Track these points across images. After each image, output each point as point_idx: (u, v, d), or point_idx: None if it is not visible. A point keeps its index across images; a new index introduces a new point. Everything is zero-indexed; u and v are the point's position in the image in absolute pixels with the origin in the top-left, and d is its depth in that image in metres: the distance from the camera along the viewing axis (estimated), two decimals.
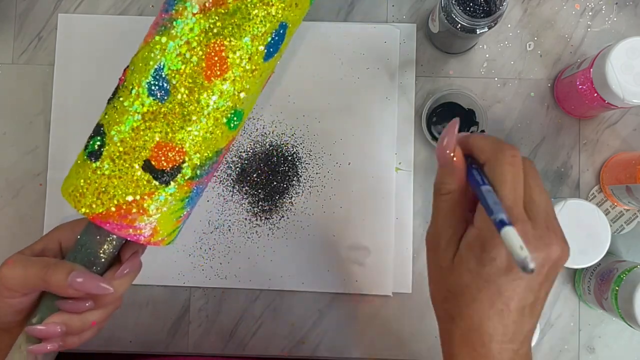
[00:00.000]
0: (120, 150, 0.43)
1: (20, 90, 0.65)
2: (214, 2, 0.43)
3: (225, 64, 0.43)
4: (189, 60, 0.42)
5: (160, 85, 0.43)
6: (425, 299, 0.63)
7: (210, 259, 0.63)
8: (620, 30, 0.64)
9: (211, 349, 0.63)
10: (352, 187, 0.63)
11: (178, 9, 0.43)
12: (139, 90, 0.43)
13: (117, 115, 0.43)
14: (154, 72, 0.43)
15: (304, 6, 0.47)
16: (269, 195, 0.63)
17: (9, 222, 0.65)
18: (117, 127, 0.43)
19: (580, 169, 0.63)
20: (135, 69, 0.44)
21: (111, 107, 0.44)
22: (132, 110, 0.43)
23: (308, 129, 0.64)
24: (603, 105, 0.55)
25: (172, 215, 0.45)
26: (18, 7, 0.66)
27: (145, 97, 0.43)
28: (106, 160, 0.43)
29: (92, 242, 0.45)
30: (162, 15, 0.44)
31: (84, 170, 0.43)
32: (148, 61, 0.43)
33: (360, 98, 0.64)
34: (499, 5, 0.54)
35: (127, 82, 0.44)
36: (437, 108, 0.63)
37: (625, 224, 0.63)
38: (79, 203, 0.43)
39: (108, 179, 0.43)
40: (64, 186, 0.45)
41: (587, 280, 0.60)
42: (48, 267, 0.42)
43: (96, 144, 0.43)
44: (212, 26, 0.43)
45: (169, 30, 0.43)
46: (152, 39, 0.44)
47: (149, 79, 0.43)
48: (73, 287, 0.41)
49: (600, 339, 0.62)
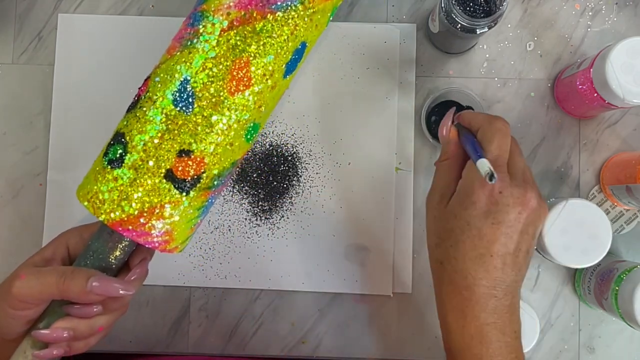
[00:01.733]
0: (143, 159, 0.43)
1: (20, 90, 0.65)
2: (241, 20, 0.44)
3: (248, 80, 0.44)
4: (215, 75, 0.44)
5: (185, 98, 0.44)
6: (425, 299, 0.63)
7: (210, 259, 0.63)
8: (620, 30, 0.64)
9: (211, 349, 0.63)
10: (352, 187, 0.63)
11: (205, 24, 0.44)
12: (163, 101, 0.44)
13: (139, 125, 0.44)
14: (179, 84, 0.44)
15: (322, 27, 0.49)
16: (269, 195, 0.63)
17: (9, 222, 0.65)
18: (140, 136, 0.44)
19: (580, 169, 0.63)
20: (160, 80, 0.45)
21: (133, 116, 0.45)
22: (156, 121, 0.44)
23: (308, 129, 0.64)
24: (603, 105, 0.55)
25: (188, 223, 0.46)
26: (18, 7, 0.66)
27: (170, 108, 0.44)
28: (128, 169, 0.43)
29: (104, 249, 0.45)
30: (187, 30, 0.45)
31: (104, 177, 0.44)
32: (173, 73, 0.44)
33: (360, 98, 0.64)
34: (499, 5, 0.53)
35: (151, 92, 0.45)
36: (436, 107, 0.63)
37: (625, 224, 0.63)
38: (99, 210, 0.43)
39: (129, 187, 0.43)
40: (81, 192, 0.45)
41: (587, 280, 0.60)
42: (65, 276, 0.42)
43: (118, 152, 0.44)
44: (238, 43, 0.44)
45: (195, 44, 0.44)
46: (177, 52, 0.45)
47: (174, 91, 0.44)
48: (94, 292, 0.42)
49: (600, 339, 0.62)
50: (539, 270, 0.63)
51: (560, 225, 0.51)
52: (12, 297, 0.41)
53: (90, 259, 0.45)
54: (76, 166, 0.64)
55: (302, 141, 0.64)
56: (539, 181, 0.63)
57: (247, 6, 0.44)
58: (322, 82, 0.64)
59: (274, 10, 0.44)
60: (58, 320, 0.43)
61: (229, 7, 0.44)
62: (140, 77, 0.54)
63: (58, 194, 0.64)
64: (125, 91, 0.64)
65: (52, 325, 0.42)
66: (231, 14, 0.44)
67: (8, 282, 0.43)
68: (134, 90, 0.64)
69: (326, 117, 0.64)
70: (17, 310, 0.42)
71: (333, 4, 0.48)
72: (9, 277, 0.44)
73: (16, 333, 0.44)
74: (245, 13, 0.44)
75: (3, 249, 0.64)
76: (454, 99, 0.62)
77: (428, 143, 0.63)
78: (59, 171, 0.64)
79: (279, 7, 0.44)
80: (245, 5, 0.44)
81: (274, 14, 0.44)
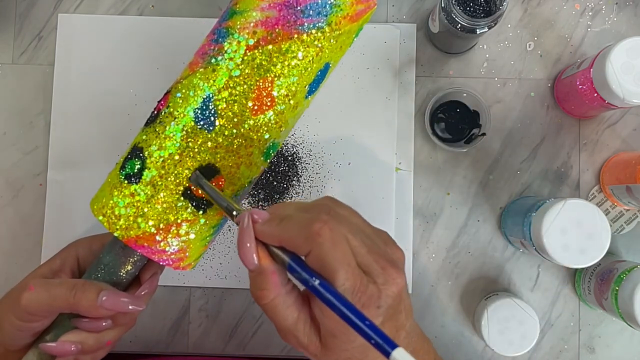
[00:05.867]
0: (161, 176, 0.42)
1: (20, 90, 0.65)
2: (267, 40, 0.43)
3: (272, 100, 0.44)
4: (238, 94, 0.43)
5: (207, 115, 0.43)
6: (425, 299, 0.63)
7: (210, 259, 0.63)
8: (620, 30, 0.64)
9: (211, 349, 0.63)
10: (352, 187, 0.63)
11: (230, 42, 0.43)
12: (184, 118, 0.43)
13: (159, 140, 0.43)
14: (202, 101, 0.43)
15: (346, 48, 0.48)
16: (269, 195, 0.63)
17: (9, 222, 0.65)
18: (159, 152, 0.43)
19: (580, 169, 0.63)
20: (182, 96, 0.44)
21: (152, 131, 0.44)
22: (176, 137, 0.43)
23: (308, 129, 0.64)
24: (603, 105, 0.55)
25: (202, 241, 0.45)
26: (18, 7, 0.66)
27: (191, 125, 0.43)
28: (146, 185, 0.42)
29: (115, 263, 0.44)
30: (212, 46, 0.44)
31: (121, 191, 0.43)
32: (196, 90, 0.43)
33: (360, 98, 0.64)
34: (499, 5, 0.53)
35: (172, 107, 0.44)
36: (441, 106, 0.63)
37: (625, 224, 0.63)
38: (114, 225, 0.42)
39: (147, 203, 0.42)
40: (95, 205, 0.44)
41: (587, 280, 0.60)
42: (75, 289, 0.41)
43: (135, 167, 0.43)
44: (263, 62, 0.43)
45: (219, 62, 0.43)
46: (200, 68, 0.44)
47: (196, 108, 0.43)
48: (104, 307, 0.41)
49: (600, 339, 0.62)
50: (539, 270, 0.63)
51: (559, 225, 0.51)
52: (20, 309, 0.41)
53: (101, 273, 0.44)
54: (76, 166, 0.64)
55: (302, 141, 0.64)
56: (539, 181, 0.63)
57: (275, 26, 0.43)
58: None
59: (300, 32, 0.43)
60: (66, 334, 0.42)
61: (256, 25, 0.43)
62: (140, 77, 0.54)
63: (58, 194, 0.64)
64: (125, 91, 0.65)
65: (60, 339, 0.42)
66: (257, 32, 0.43)
67: (16, 293, 0.42)
68: (134, 90, 0.65)
69: (326, 117, 0.64)
70: (24, 322, 0.42)
71: (359, 26, 0.47)
72: (17, 288, 0.44)
73: (21, 344, 0.43)
74: (272, 32, 0.43)
75: (3, 249, 0.64)
76: (458, 99, 0.62)
77: (428, 143, 0.63)
78: (59, 171, 0.64)
79: (306, 28, 0.43)
80: (273, 25, 0.43)
81: (301, 35, 0.43)
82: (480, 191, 0.63)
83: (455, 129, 0.63)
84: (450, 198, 0.63)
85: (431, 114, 0.61)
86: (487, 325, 0.57)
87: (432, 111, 0.62)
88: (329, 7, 0.44)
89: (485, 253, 0.63)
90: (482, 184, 0.63)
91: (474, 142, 0.60)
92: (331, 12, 0.44)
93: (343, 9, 0.44)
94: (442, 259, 0.63)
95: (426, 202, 0.63)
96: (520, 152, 0.63)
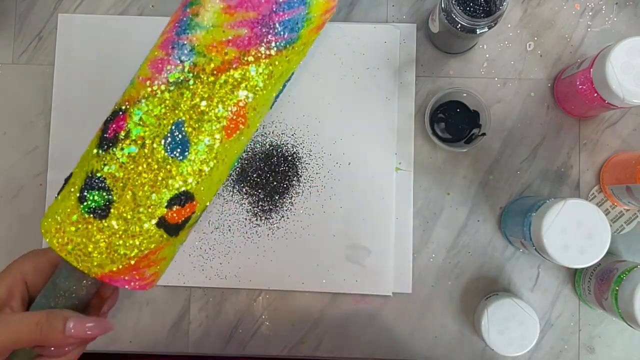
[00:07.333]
0: (133, 208, 0.40)
1: (20, 90, 0.65)
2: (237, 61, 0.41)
3: (244, 120, 0.42)
4: (210, 119, 0.41)
5: (179, 144, 0.40)
6: (425, 299, 0.63)
7: (210, 259, 0.63)
8: (620, 30, 0.64)
9: (211, 349, 0.63)
10: (352, 187, 0.63)
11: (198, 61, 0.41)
12: (154, 146, 0.40)
13: (125, 172, 0.40)
14: (172, 128, 0.40)
15: (305, 55, 0.47)
16: (269, 195, 0.63)
17: (9, 222, 0.65)
18: (129, 183, 0.40)
19: (580, 169, 0.63)
20: (146, 120, 0.40)
21: (113, 159, 0.40)
22: (146, 168, 0.40)
23: (308, 129, 0.64)
24: (603, 105, 0.55)
25: (171, 259, 0.45)
26: (18, 7, 0.66)
27: (162, 155, 0.40)
28: (116, 219, 0.40)
29: (77, 287, 0.42)
30: (174, 63, 0.41)
31: (85, 227, 0.40)
32: (166, 114, 0.40)
33: (360, 98, 0.64)
34: (499, 5, 0.53)
35: (134, 133, 0.40)
36: (441, 106, 0.63)
37: (625, 224, 0.63)
38: (84, 263, 0.40)
39: (119, 238, 0.40)
40: (55, 240, 0.41)
41: (587, 280, 0.60)
42: (40, 324, 0.39)
43: (101, 201, 0.40)
44: (234, 83, 0.41)
45: (188, 84, 0.41)
46: (162, 88, 0.41)
47: (166, 135, 0.40)
48: (73, 336, 0.39)
49: (600, 339, 0.62)
50: (539, 270, 0.63)
51: (559, 225, 0.51)
52: None
53: (61, 299, 0.41)
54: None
55: (302, 141, 0.64)
56: (539, 181, 0.63)
57: (247, 46, 0.41)
58: (322, 83, 0.64)
59: (274, 50, 0.42)
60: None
61: (226, 44, 0.40)
62: None
63: None
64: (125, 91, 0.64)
65: None
66: (228, 53, 0.40)
67: None
68: None
69: (326, 117, 0.64)
70: None
71: (318, 34, 0.46)
72: None
73: None
74: (244, 53, 0.41)
75: (3, 249, 0.64)
76: (458, 99, 0.62)
77: (428, 143, 0.63)
78: (59, 171, 0.64)
79: (279, 46, 0.42)
80: (245, 45, 0.41)
81: (270, 54, 0.42)
82: (480, 191, 0.63)
83: (455, 129, 0.63)
84: (450, 198, 0.63)
85: (431, 114, 0.61)
86: (487, 325, 0.57)
87: (432, 111, 0.62)
88: (301, 23, 0.42)
89: (485, 253, 0.63)
90: (482, 184, 0.63)
91: (474, 142, 0.60)
92: (302, 26, 0.43)
93: (313, 22, 0.43)
94: (442, 259, 0.63)
95: (426, 202, 0.63)
96: (520, 152, 0.63)
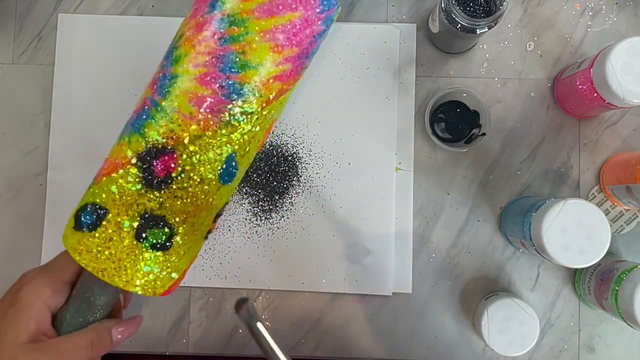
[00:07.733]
0: (195, 232, 0.47)
1: (20, 90, 0.65)
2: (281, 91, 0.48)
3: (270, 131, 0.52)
4: (258, 140, 0.49)
5: (231, 173, 0.47)
6: (425, 299, 0.63)
7: (210, 259, 0.63)
8: (620, 30, 0.64)
9: (211, 349, 0.63)
10: (352, 187, 0.63)
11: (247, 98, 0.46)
12: (209, 177, 0.46)
13: (184, 206, 0.45)
14: (225, 160, 0.46)
15: None
16: (269, 195, 0.63)
17: (9, 222, 0.65)
18: (189, 215, 0.45)
19: (580, 169, 0.63)
20: (200, 157, 0.45)
21: (170, 197, 0.45)
22: (203, 199, 0.46)
23: (308, 129, 0.64)
24: (603, 105, 0.55)
25: None
26: (18, 7, 0.66)
27: (215, 183, 0.46)
28: (179, 247, 0.46)
29: (110, 300, 0.47)
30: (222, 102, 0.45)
31: (150, 259, 0.45)
32: (216, 149, 0.46)
33: (360, 98, 0.64)
34: (499, 5, 0.53)
35: (190, 170, 0.45)
36: (441, 106, 0.63)
37: (625, 224, 0.63)
38: (152, 290, 0.46)
39: (179, 261, 0.47)
40: (118, 277, 0.45)
41: (587, 280, 0.60)
42: (93, 344, 0.44)
43: (163, 237, 0.45)
44: (273, 111, 0.48)
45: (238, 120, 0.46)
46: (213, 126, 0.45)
47: (221, 169, 0.46)
48: (119, 341, 0.46)
49: (600, 339, 0.62)
50: (539, 270, 0.63)
51: (559, 225, 0.51)
52: None
53: (98, 314, 0.46)
54: (76, 166, 0.64)
55: (302, 141, 0.64)
56: (539, 181, 0.63)
57: (288, 77, 0.47)
58: (322, 83, 0.64)
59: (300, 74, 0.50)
60: None
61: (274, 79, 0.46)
62: (140, 77, 0.53)
63: (58, 194, 0.64)
64: (125, 91, 0.64)
65: None
66: (273, 87, 0.47)
67: None
68: (134, 90, 0.64)
69: (326, 117, 0.64)
70: None
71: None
72: None
73: None
74: (285, 84, 0.48)
75: (3, 249, 0.64)
76: (458, 99, 0.62)
77: (428, 143, 0.63)
78: (59, 171, 0.64)
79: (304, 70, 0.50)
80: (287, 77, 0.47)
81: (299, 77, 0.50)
82: (480, 191, 0.63)
83: (455, 129, 0.63)
84: (450, 198, 0.63)
85: (431, 114, 0.61)
86: (487, 325, 0.57)
87: (432, 111, 0.62)
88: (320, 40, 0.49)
89: (485, 253, 0.63)
90: (482, 184, 0.63)
91: (474, 142, 0.60)
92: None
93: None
94: (442, 259, 0.63)
95: (426, 202, 0.63)
96: (520, 152, 0.63)
